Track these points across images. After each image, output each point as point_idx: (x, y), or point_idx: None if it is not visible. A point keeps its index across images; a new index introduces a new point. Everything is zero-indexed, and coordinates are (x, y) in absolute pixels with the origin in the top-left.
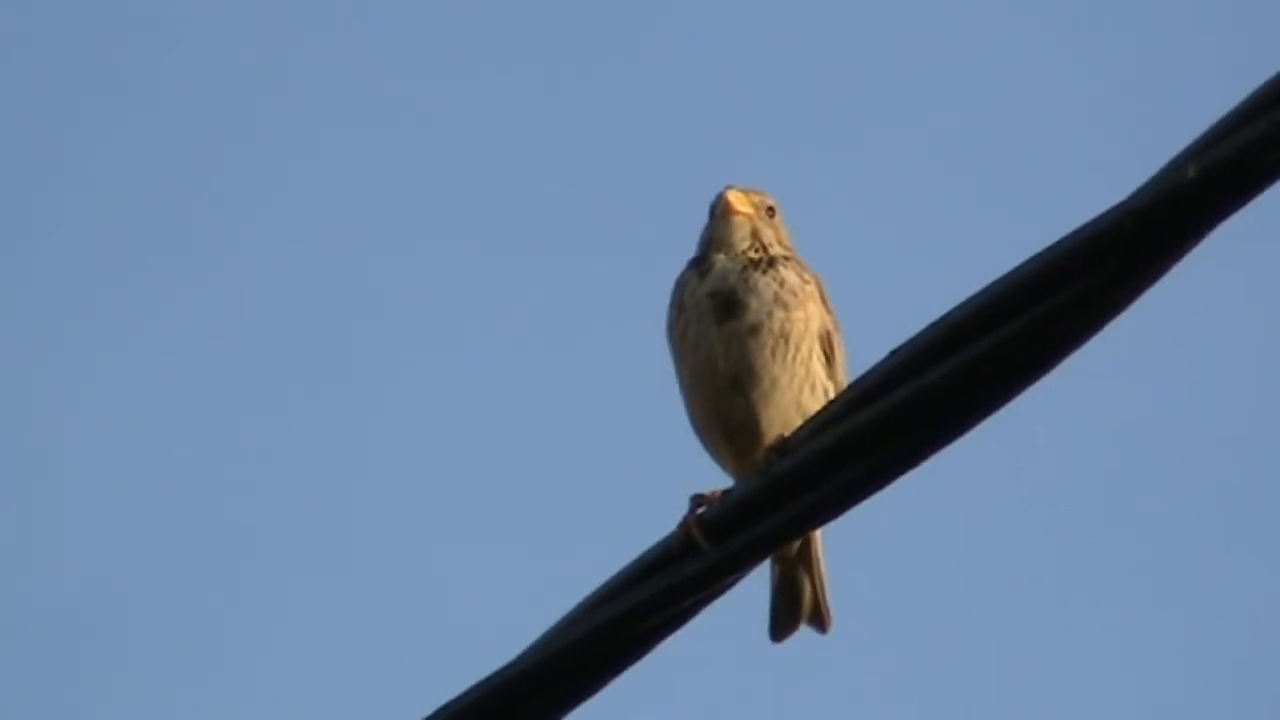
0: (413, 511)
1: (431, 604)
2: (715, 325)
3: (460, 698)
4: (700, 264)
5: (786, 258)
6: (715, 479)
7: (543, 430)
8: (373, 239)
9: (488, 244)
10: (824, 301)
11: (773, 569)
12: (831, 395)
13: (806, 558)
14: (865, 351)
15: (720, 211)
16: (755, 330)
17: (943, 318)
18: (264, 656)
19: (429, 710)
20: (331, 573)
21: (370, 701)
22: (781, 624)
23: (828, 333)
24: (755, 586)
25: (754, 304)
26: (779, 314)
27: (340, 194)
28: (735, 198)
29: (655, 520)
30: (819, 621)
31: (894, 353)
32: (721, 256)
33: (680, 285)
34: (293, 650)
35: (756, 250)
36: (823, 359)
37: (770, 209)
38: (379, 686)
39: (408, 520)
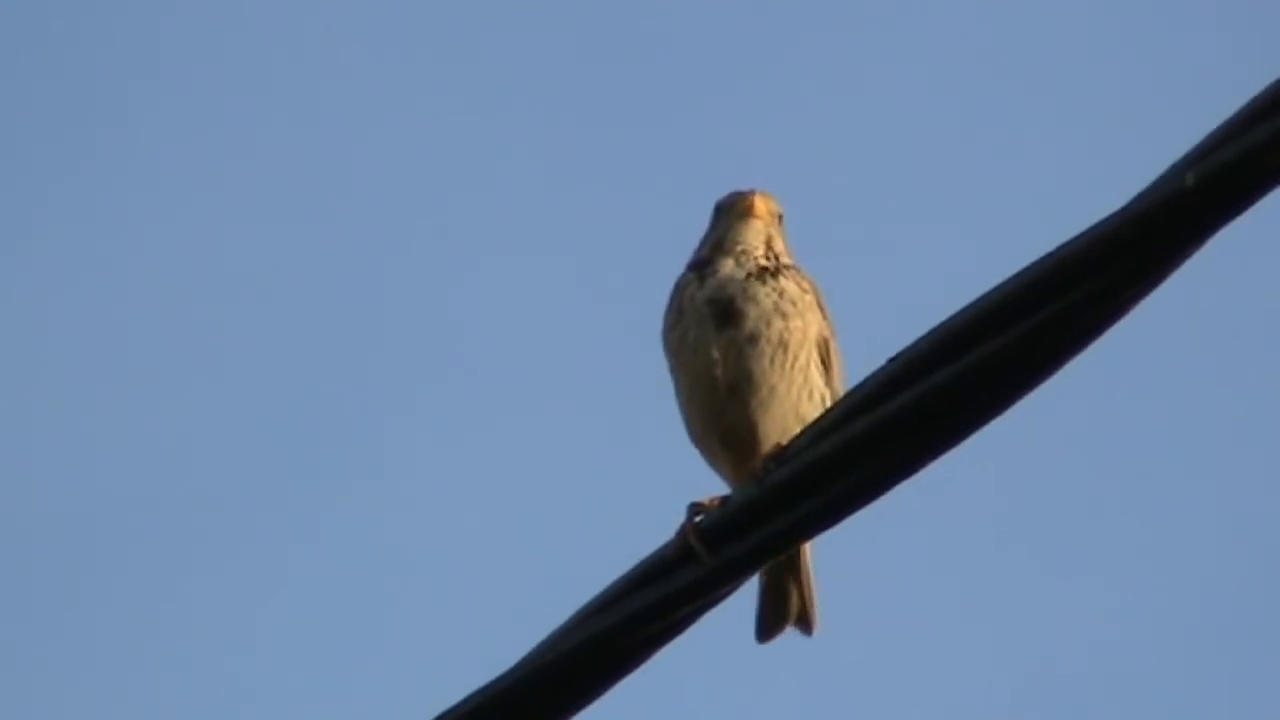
0: (410, 514)
1: (429, 610)
2: (714, 332)
3: (457, 706)
4: (702, 267)
5: (789, 266)
6: (714, 486)
7: (539, 435)
8: (370, 242)
9: (482, 247)
10: (822, 310)
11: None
12: (829, 403)
13: (794, 560)
14: (863, 359)
15: (740, 210)
16: (754, 339)
17: (941, 325)
18: (262, 663)
19: (427, 718)
20: (329, 576)
21: (368, 709)
22: (768, 624)
23: (825, 340)
24: (742, 586)
25: (752, 313)
26: (778, 323)
27: (334, 203)
28: (760, 200)
29: (653, 528)
30: (805, 623)
31: (892, 360)
32: (730, 261)
33: (679, 289)
34: (291, 661)
35: (768, 257)
36: (820, 367)
37: (780, 216)
38: (376, 694)
39: (405, 523)
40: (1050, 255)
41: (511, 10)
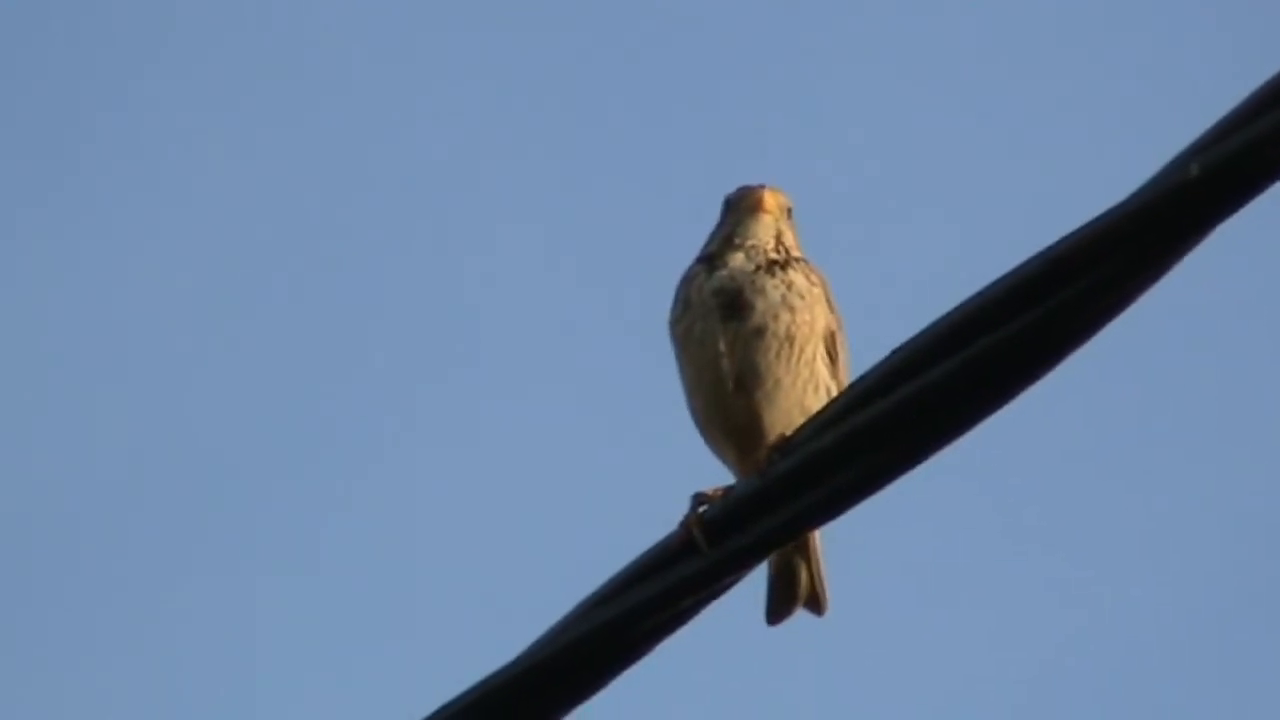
0: (412, 506)
1: (430, 604)
2: (720, 324)
3: (459, 698)
4: (711, 260)
5: (798, 259)
6: (719, 476)
7: (542, 427)
8: (372, 240)
9: (485, 243)
10: (830, 303)
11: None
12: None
13: (804, 542)
14: (865, 353)
15: (749, 205)
16: (760, 332)
17: (944, 316)
18: (264, 655)
19: (428, 710)
20: (332, 567)
21: (369, 701)
22: (778, 607)
23: (832, 334)
24: (748, 575)
25: (760, 305)
26: (785, 316)
27: (334, 201)
28: (770, 196)
29: (657, 519)
30: (815, 605)
31: (895, 352)
32: (740, 255)
33: (686, 281)
34: (293, 653)
35: (778, 251)
36: (826, 360)
37: (789, 209)
38: (377, 685)
39: (407, 515)
40: (1054, 246)
41: (514, 7)
